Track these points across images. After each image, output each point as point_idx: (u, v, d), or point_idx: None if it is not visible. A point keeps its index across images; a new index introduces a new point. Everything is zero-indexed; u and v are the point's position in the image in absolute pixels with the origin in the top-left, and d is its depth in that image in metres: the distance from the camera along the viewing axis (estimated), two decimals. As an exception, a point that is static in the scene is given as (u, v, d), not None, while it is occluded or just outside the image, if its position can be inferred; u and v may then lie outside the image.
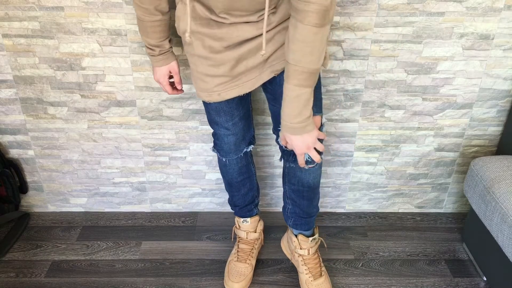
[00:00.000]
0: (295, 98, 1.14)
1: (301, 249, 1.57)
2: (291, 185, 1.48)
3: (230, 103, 1.37)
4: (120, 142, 1.79)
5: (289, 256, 1.68)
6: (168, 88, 1.44)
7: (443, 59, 1.63)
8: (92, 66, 1.63)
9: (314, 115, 1.29)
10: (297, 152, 1.23)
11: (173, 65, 1.41)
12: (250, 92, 1.44)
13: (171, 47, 1.39)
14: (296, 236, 1.58)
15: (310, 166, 1.38)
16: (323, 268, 1.59)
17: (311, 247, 1.57)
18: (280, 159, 1.49)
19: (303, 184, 1.45)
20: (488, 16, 1.55)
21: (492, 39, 1.59)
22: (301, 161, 1.26)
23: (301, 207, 1.51)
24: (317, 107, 1.31)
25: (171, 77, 1.45)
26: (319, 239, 1.61)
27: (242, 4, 1.14)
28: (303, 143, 1.21)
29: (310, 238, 1.56)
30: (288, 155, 1.41)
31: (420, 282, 1.63)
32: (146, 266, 1.69)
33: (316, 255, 1.59)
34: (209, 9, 1.19)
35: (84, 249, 1.76)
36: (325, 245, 1.74)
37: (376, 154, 1.83)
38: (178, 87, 1.45)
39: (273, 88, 1.32)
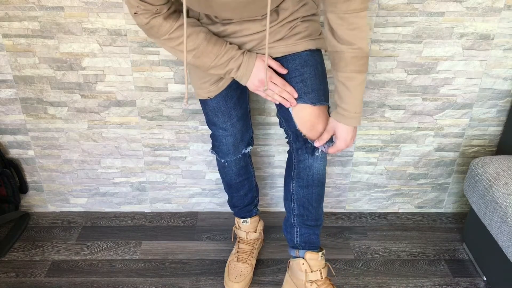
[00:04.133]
0: (359, 85, 1.16)
1: (312, 272, 1.41)
2: (300, 181, 1.36)
3: (228, 103, 1.36)
4: (120, 142, 1.79)
5: None
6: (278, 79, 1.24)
7: (443, 59, 1.63)
8: (92, 66, 1.63)
9: (323, 104, 1.27)
10: (342, 145, 1.23)
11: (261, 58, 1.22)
12: (247, 92, 1.44)
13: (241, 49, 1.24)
14: (303, 258, 1.43)
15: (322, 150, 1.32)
16: None
17: (322, 268, 1.43)
18: (289, 147, 1.37)
19: (313, 176, 1.34)
20: (488, 16, 1.55)
21: (492, 39, 1.59)
22: (334, 151, 1.26)
23: (310, 208, 1.39)
24: (326, 97, 1.29)
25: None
26: (326, 264, 1.46)
27: (249, 13, 1.15)
28: (354, 135, 1.23)
29: (320, 253, 1.42)
30: (302, 141, 1.30)
31: (420, 282, 1.63)
32: (146, 266, 1.69)
33: (329, 282, 1.43)
34: (215, 16, 1.20)
35: (84, 249, 1.76)
36: (333, 273, 1.53)
37: (376, 154, 1.83)
38: (282, 70, 1.24)
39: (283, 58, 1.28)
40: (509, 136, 1.69)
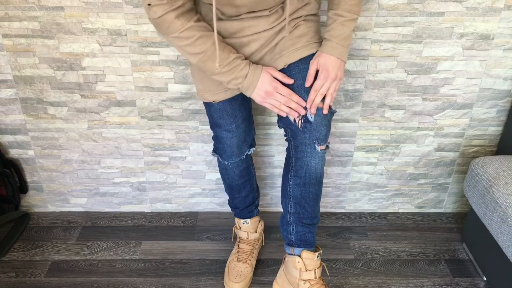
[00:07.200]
0: (347, 22, 1.21)
1: (306, 271, 1.40)
2: (297, 179, 1.35)
3: (233, 104, 1.36)
4: (120, 142, 1.79)
5: None
6: (285, 89, 1.25)
7: (443, 59, 1.63)
8: (92, 66, 1.63)
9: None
10: (324, 74, 1.22)
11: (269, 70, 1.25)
12: None
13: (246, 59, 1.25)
14: (299, 256, 1.42)
15: (321, 147, 1.29)
16: None
17: (317, 268, 1.41)
18: (287, 145, 1.37)
19: (310, 175, 1.32)
20: (488, 16, 1.55)
21: (492, 39, 1.59)
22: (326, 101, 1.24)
23: (306, 207, 1.38)
24: None
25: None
26: (321, 264, 1.45)
27: (265, 3, 1.16)
28: (337, 68, 1.22)
29: (316, 254, 1.41)
30: (296, 128, 1.30)
31: (420, 282, 1.63)
32: (146, 266, 1.69)
33: (322, 282, 1.43)
34: (222, 12, 1.21)
35: (84, 249, 1.76)
36: (327, 272, 1.51)
37: (376, 154, 1.83)
38: (288, 81, 1.26)
39: (288, 68, 1.28)
40: (509, 136, 1.69)
